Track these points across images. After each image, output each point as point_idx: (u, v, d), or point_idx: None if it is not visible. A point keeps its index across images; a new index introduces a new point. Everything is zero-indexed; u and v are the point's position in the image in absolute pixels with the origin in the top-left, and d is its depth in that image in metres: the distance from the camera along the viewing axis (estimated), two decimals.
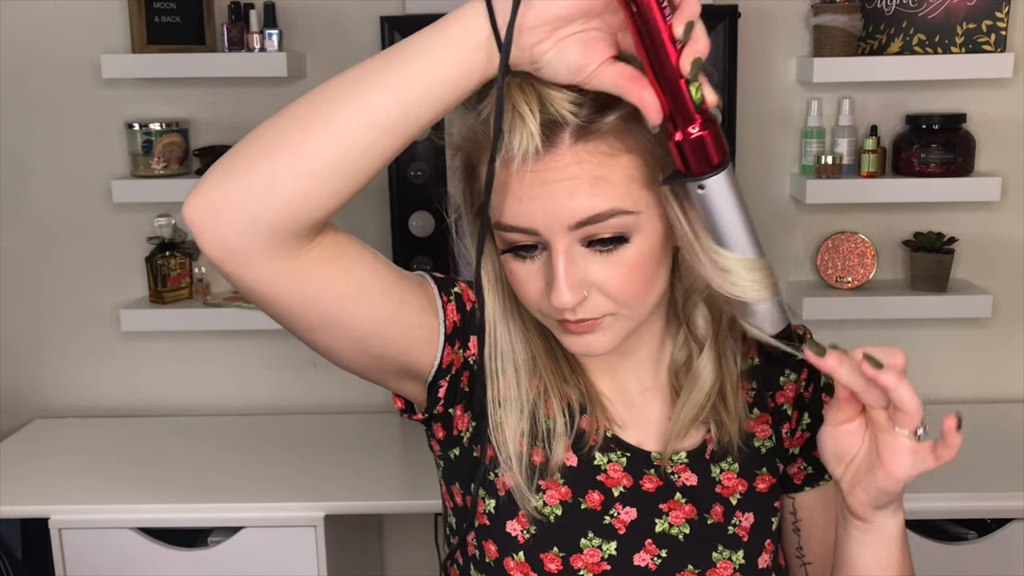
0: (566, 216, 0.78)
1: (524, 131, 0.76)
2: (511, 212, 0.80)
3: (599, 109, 0.77)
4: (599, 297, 0.82)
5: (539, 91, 0.76)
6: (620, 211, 0.79)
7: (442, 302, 0.88)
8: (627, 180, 0.79)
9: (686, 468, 0.93)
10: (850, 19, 1.90)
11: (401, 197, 2.01)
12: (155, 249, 2.04)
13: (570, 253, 0.80)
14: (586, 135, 0.77)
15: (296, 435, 2.05)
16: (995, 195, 1.95)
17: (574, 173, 0.78)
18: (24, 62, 2.06)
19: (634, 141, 0.79)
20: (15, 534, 1.92)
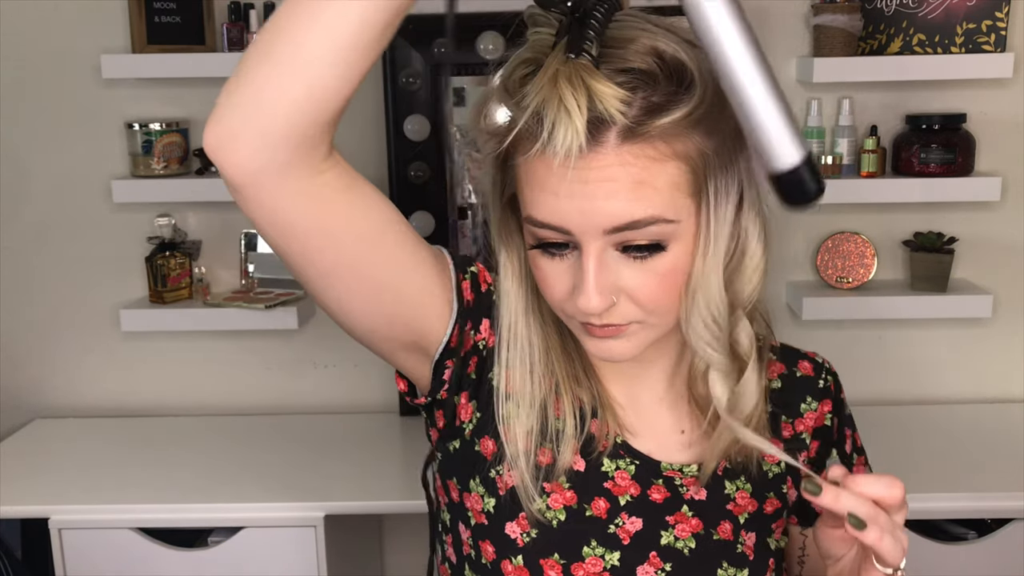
0: (603, 219, 0.75)
1: (570, 127, 0.72)
2: (545, 208, 0.77)
3: (650, 110, 0.74)
4: (628, 304, 0.80)
5: (588, 84, 0.71)
6: (660, 219, 0.76)
7: (457, 278, 0.86)
8: (671, 187, 0.76)
9: (695, 482, 0.91)
10: (850, 19, 1.90)
11: (401, 197, 2.02)
12: (155, 249, 2.04)
13: (602, 257, 0.77)
14: (633, 136, 0.74)
15: (296, 435, 2.05)
16: (995, 195, 1.95)
17: (616, 175, 0.74)
18: (24, 62, 2.06)
19: (683, 146, 0.76)
20: (15, 534, 1.92)
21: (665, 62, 0.75)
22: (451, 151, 2.02)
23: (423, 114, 1.99)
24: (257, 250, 2.10)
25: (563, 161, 0.73)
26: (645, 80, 0.74)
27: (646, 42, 0.75)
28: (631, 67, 0.74)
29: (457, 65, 1.97)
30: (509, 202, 0.84)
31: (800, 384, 0.96)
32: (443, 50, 1.96)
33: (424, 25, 1.96)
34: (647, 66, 0.75)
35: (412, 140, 2.00)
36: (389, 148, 2.00)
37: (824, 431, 0.97)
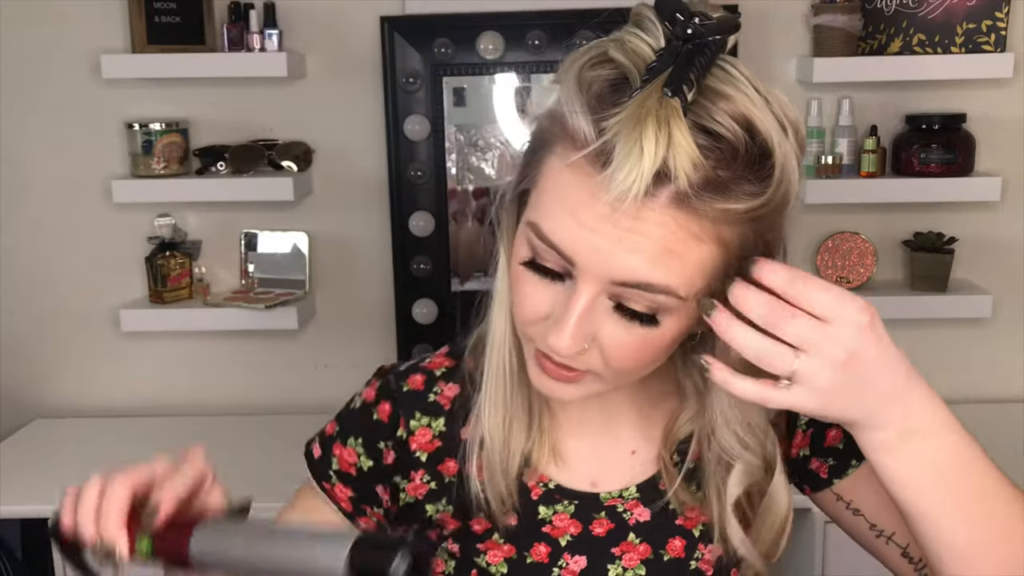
0: (616, 269, 0.68)
1: (636, 171, 0.63)
2: (560, 229, 0.69)
3: (716, 186, 0.66)
4: (594, 355, 0.73)
5: (671, 132, 0.64)
6: (673, 293, 0.68)
7: (328, 494, 0.93)
8: (697, 268, 0.68)
9: (637, 503, 0.88)
10: (850, 19, 1.90)
11: (401, 197, 2.02)
12: (155, 249, 2.04)
13: (594, 301, 0.70)
14: (687, 206, 0.66)
15: (296, 435, 2.04)
16: (995, 195, 1.95)
17: (650, 233, 0.66)
18: (24, 62, 2.06)
19: (728, 234, 0.69)
20: (15, 534, 1.91)
21: (753, 141, 0.67)
22: (450, 151, 2.02)
23: (423, 114, 1.99)
24: (257, 250, 2.10)
25: (612, 202, 0.65)
26: (723, 150, 0.66)
27: (739, 107, 0.67)
28: (715, 130, 0.66)
29: (457, 65, 1.97)
30: (519, 196, 0.77)
31: None
32: (443, 50, 1.96)
33: (424, 25, 1.96)
34: (732, 136, 0.66)
35: (412, 140, 2.00)
36: (389, 148, 2.00)
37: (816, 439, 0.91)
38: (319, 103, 2.05)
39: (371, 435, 0.91)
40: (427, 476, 0.90)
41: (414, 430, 0.90)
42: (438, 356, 0.94)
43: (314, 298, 2.14)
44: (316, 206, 2.10)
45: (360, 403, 0.94)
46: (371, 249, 2.12)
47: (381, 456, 0.91)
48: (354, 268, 2.13)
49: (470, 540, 0.89)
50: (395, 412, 0.91)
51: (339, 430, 0.95)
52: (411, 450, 0.90)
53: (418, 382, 0.92)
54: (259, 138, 2.05)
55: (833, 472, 0.90)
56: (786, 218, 0.74)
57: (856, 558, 0.99)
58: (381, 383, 0.94)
